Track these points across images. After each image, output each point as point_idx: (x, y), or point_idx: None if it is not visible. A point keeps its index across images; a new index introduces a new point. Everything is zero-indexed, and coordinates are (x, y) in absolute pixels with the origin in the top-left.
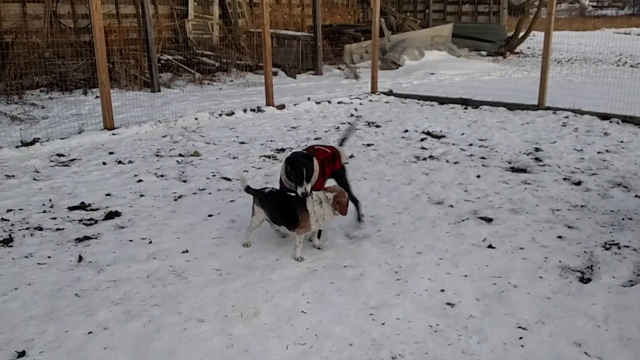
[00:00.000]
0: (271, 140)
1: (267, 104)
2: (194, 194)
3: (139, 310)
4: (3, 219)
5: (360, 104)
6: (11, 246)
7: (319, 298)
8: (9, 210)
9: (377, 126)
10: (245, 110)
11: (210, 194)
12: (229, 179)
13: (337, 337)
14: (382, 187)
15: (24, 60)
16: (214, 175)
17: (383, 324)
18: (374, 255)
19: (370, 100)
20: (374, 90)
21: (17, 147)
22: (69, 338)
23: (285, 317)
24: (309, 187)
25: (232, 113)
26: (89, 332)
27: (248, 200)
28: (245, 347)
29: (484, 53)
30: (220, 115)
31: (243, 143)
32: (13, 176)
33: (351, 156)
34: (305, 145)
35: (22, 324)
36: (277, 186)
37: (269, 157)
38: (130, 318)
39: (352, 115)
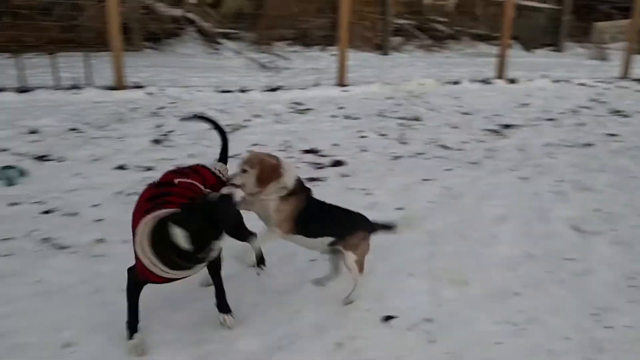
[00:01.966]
0: (497, 115)
1: (498, 77)
2: (412, 156)
3: None
4: (249, 151)
5: (606, 88)
6: None
7: (535, 284)
8: (254, 144)
9: (625, 116)
10: (472, 81)
11: (427, 159)
12: (447, 147)
13: (552, 327)
14: (623, 183)
15: (275, 14)
16: (432, 142)
17: (608, 327)
18: (606, 255)
19: (619, 87)
20: (624, 76)
21: (263, 91)
22: (293, 261)
23: (496, 294)
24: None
25: (458, 82)
26: (312, 259)
27: (465, 171)
28: (453, 310)
29: None
30: (445, 83)
31: (466, 114)
32: (259, 116)
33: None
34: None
35: None
36: None
37: (493, 131)
38: None
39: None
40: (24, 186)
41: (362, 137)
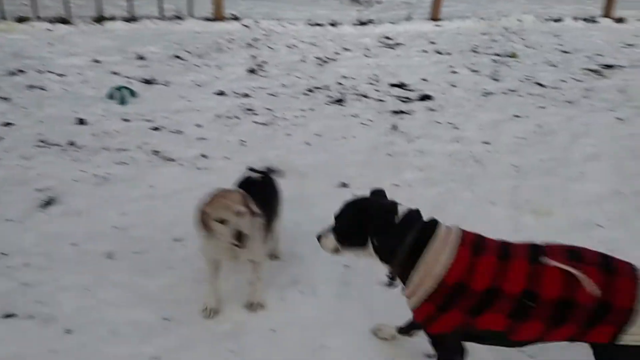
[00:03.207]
0: (599, 55)
1: (605, 15)
2: (504, 93)
3: (439, 180)
4: (338, 83)
5: None
6: (343, 105)
7: (620, 219)
8: (343, 77)
9: None
10: (575, 19)
11: (521, 96)
12: (542, 85)
13: (631, 258)
14: None
15: None
16: (527, 79)
17: None
18: None
19: None
20: None
21: (354, 25)
22: (380, 185)
23: (579, 225)
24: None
25: (560, 19)
26: (396, 185)
27: (560, 109)
28: (531, 237)
29: None
30: (546, 20)
31: (566, 52)
32: (349, 50)
33: None
34: None
35: (346, 165)
36: None
37: (593, 71)
38: (431, 184)
39: None
40: (135, 105)
41: (453, 72)
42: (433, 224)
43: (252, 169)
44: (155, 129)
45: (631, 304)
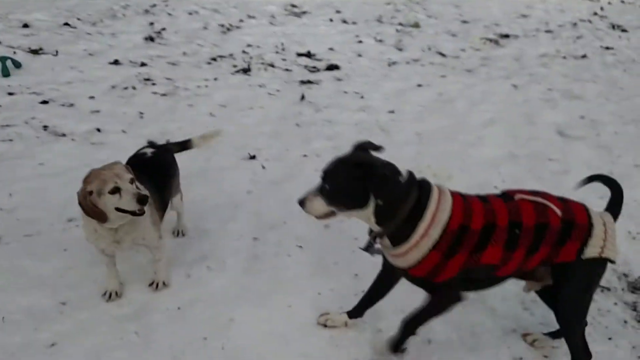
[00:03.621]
0: (496, 24)
1: None
2: (407, 63)
3: (347, 148)
4: (244, 52)
5: (609, 3)
6: (249, 75)
7: (515, 180)
8: (248, 45)
9: (624, 30)
10: None
11: (423, 65)
12: (443, 55)
13: None
14: (611, 93)
15: None
16: (429, 49)
17: None
18: (586, 157)
19: (622, 2)
20: None
21: None
22: (288, 155)
23: (476, 187)
24: None
25: None
26: (304, 155)
27: (460, 77)
28: None
29: None
30: None
31: (465, 22)
32: (254, 17)
33: None
34: None
35: (254, 136)
36: None
37: (490, 40)
38: (338, 152)
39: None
40: (20, 77)
41: (359, 42)
42: (426, 181)
43: (151, 143)
44: (44, 102)
45: (588, 219)
